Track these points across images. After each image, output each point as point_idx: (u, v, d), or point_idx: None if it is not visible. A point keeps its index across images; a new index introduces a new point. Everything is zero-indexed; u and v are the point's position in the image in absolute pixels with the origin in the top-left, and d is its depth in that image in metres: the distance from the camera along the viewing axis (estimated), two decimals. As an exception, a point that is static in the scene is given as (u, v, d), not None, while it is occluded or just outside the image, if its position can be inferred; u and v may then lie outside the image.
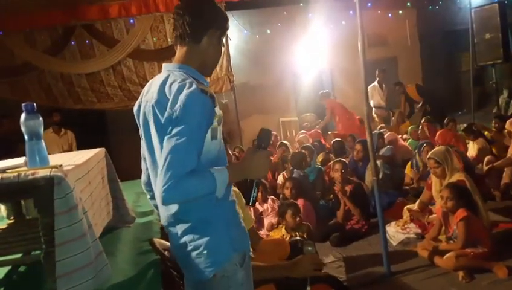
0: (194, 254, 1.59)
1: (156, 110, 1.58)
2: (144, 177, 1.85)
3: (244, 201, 1.68)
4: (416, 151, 5.71)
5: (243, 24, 9.43)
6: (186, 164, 1.48)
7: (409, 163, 5.88)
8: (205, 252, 1.58)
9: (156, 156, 1.62)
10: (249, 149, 1.69)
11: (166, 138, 1.51)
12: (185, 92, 1.51)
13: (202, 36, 1.65)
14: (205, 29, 1.65)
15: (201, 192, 1.51)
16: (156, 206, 1.79)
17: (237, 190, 2.23)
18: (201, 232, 1.59)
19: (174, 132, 1.50)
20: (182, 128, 1.49)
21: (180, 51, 1.67)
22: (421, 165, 5.49)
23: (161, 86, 1.59)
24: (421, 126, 7.10)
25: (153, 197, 1.80)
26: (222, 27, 1.71)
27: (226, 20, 1.74)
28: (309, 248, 2.08)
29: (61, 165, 1.71)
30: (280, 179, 5.60)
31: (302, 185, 4.93)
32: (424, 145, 5.44)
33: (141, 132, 1.70)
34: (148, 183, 1.80)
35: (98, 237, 2.30)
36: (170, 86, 1.56)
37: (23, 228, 2.49)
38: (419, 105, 9.19)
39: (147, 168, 1.78)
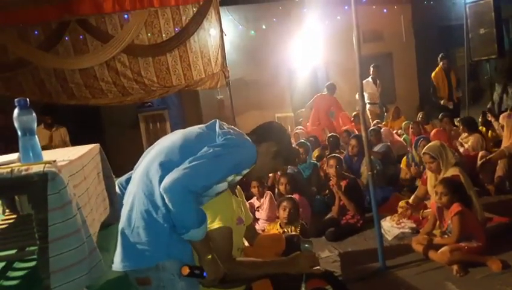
0: (130, 242, 1.69)
1: (217, 124, 1.84)
2: (124, 177, 1.99)
3: (186, 267, 1.72)
4: (413, 146, 5.73)
5: (238, 19, 9.40)
6: (206, 180, 1.65)
7: (404, 158, 5.90)
8: (140, 245, 1.67)
9: (186, 149, 1.75)
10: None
11: (209, 148, 1.69)
12: (249, 140, 1.84)
13: (262, 141, 1.93)
14: (268, 138, 1.96)
15: (184, 217, 1.64)
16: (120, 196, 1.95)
17: (238, 187, 2.24)
18: (146, 225, 1.68)
19: (218, 149, 1.69)
20: (226, 155, 1.69)
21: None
22: (417, 160, 5.50)
23: None
24: (412, 123, 7.10)
25: (121, 191, 1.98)
26: (281, 148, 1.99)
27: (290, 152, 2.09)
28: (306, 245, 2.09)
29: (55, 161, 1.69)
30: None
31: (296, 181, 4.94)
32: (421, 140, 5.46)
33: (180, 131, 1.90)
34: (124, 183, 1.96)
35: (96, 231, 2.30)
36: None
37: (17, 224, 2.48)
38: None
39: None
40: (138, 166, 1.89)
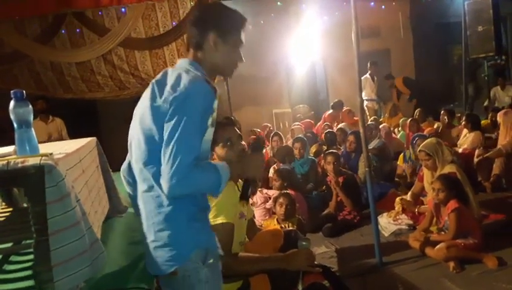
0: (157, 248, 1.60)
1: (155, 88, 1.61)
2: (125, 164, 1.84)
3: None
4: (410, 144, 5.72)
5: (236, 14, 9.35)
6: (192, 152, 1.51)
7: (401, 155, 5.90)
8: (166, 247, 1.59)
9: (150, 139, 1.61)
10: (246, 152, 1.74)
11: (168, 124, 1.52)
12: (189, 78, 1.54)
13: (203, 40, 1.65)
14: (205, 32, 1.65)
15: (206, 186, 1.56)
16: (131, 196, 1.81)
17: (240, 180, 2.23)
18: (164, 226, 1.60)
19: (176, 119, 1.52)
20: (186, 116, 1.51)
21: (191, 53, 1.70)
22: (413, 158, 5.50)
23: (167, 71, 1.66)
24: (409, 119, 7.10)
25: (128, 184, 1.81)
26: (221, 29, 1.68)
27: (229, 19, 1.72)
28: (303, 243, 2.09)
29: (51, 154, 1.68)
30: (271, 172, 5.60)
31: (290, 177, 4.93)
32: (417, 138, 5.46)
33: (136, 113, 1.74)
34: (127, 170, 1.80)
35: (100, 224, 2.28)
36: (173, 72, 1.61)
37: (13, 217, 2.46)
38: (408, 98, 9.25)
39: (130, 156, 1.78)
40: (131, 161, 1.78)
